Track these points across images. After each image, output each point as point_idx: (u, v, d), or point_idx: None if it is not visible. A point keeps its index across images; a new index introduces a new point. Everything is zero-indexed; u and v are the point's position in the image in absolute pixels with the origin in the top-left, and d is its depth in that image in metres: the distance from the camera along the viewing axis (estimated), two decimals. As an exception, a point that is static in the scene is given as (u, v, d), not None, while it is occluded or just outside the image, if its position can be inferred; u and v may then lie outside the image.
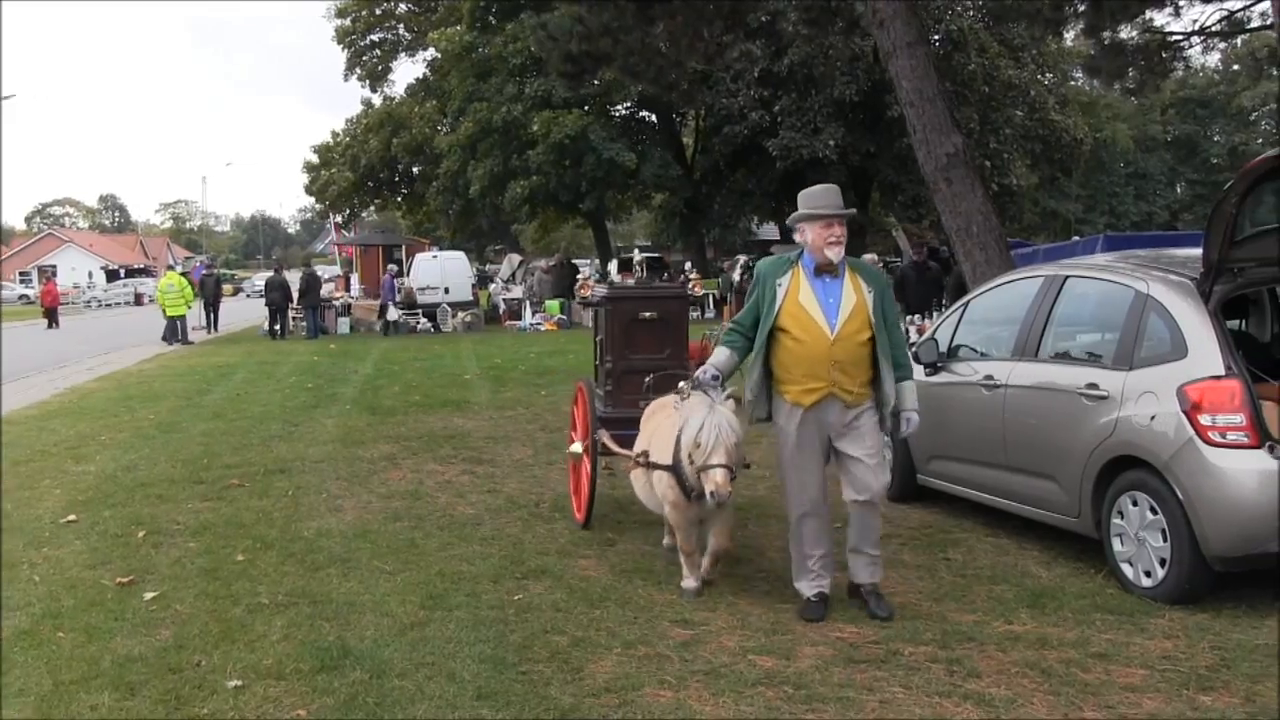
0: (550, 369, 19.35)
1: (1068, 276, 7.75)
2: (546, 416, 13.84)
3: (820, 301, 6.16)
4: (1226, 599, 6.28)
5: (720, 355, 6.41)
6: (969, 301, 8.70)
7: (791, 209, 6.54)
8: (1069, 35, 24.06)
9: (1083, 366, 7.15)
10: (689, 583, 6.64)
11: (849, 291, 6.18)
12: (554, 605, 6.51)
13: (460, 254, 38.88)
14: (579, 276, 35.63)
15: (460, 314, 32.20)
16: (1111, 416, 6.69)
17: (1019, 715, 4.92)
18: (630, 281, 9.22)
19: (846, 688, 5.24)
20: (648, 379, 7.71)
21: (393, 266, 33.89)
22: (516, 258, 40.88)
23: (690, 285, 7.90)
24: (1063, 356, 7.46)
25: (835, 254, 6.13)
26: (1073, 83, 36.60)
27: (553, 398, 15.62)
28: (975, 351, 8.25)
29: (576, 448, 8.23)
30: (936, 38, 28.78)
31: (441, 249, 40.82)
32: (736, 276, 29.04)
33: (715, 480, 5.98)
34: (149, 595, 6.77)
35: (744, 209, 38.64)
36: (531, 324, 31.51)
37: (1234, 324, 7.65)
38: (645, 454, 6.77)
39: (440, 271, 33.83)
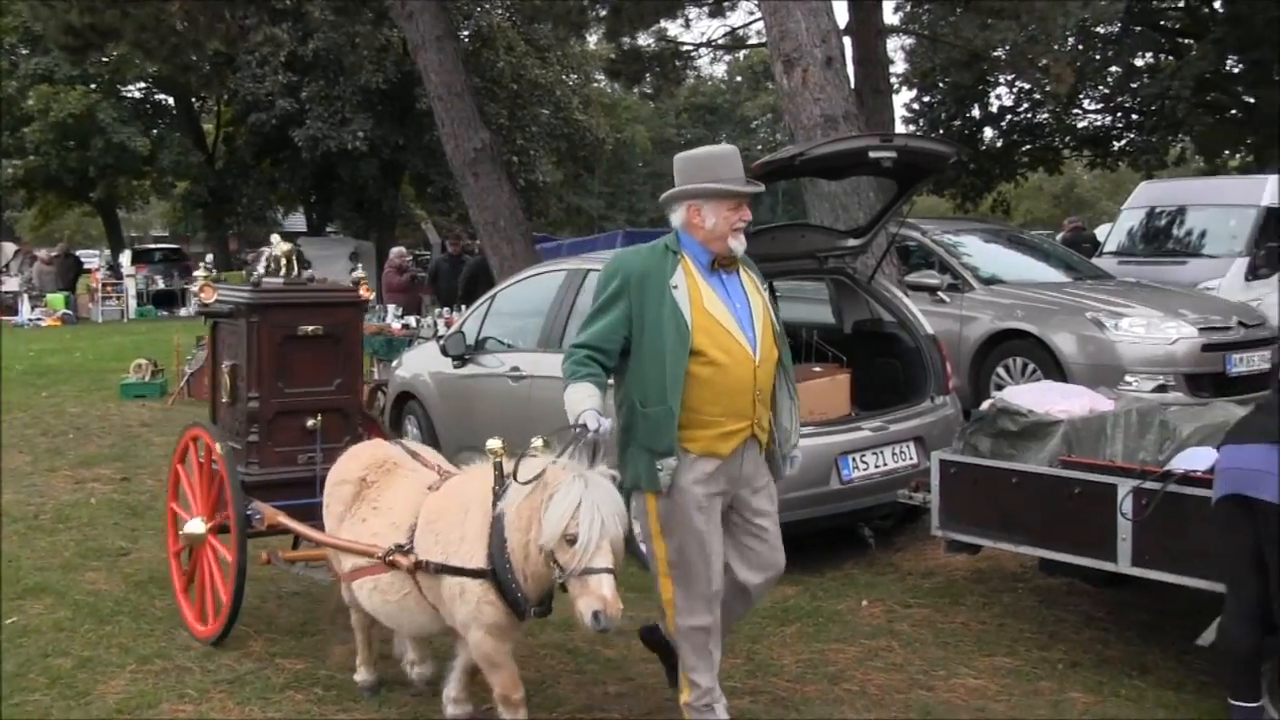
0: (53, 368, 17.89)
1: (589, 270, 8.05)
2: (48, 419, 12.78)
3: (730, 308, 4.45)
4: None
5: (593, 395, 4.25)
6: (496, 294, 8.88)
7: (322, 201, 6.13)
8: (592, 39, 25.13)
9: (604, 356, 7.47)
10: None
11: (753, 293, 4.55)
12: (56, 625, 6.07)
13: (-58, 242, 35.34)
14: (88, 269, 33.16)
15: (-56, 309, 29.13)
16: (630, 403, 7.05)
17: (548, 695, 5.12)
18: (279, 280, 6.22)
19: (377, 684, 5.26)
20: (311, 422, 5.75)
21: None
22: (11, 247, 37.45)
23: (359, 285, 6.55)
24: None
25: (740, 245, 4.48)
26: (596, 84, 38.09)
27: (55, 399, 14.43)
28: (502, 344, 8.42)
29: (195, 527, 5.76)
30: (465, 33, 29.12)
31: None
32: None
33: (604, 594, 3.84)
34: None
35: (271, 201, 37.85)
36: (31, 319, 28.99)
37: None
38: (402, 548, 4.47)
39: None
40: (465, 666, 4.72)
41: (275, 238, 6.17)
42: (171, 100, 36.58)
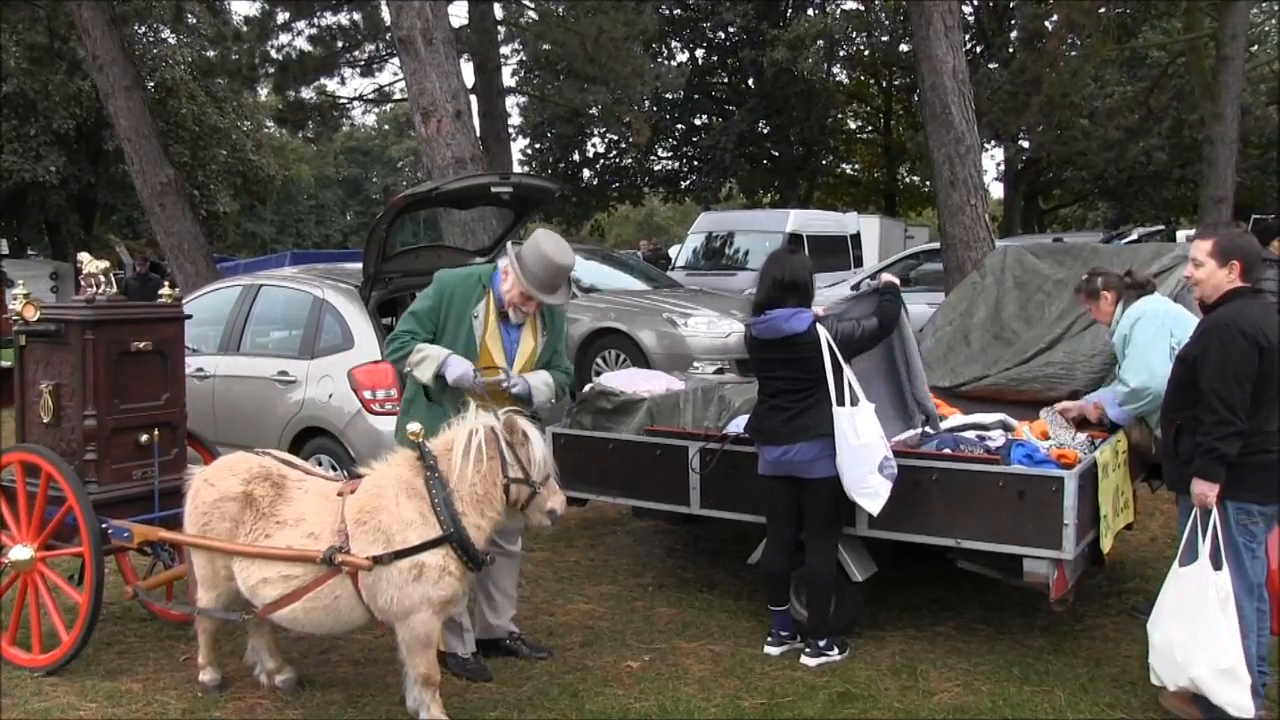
0: None
1: (262, 285, 7.63)
2: None
3: (504, 345, 4.54)
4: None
5: (439, 349, 4.39)
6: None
7: (19, 225, 5.19)
8: (263, 91, 23.93)
9: (276, 358, 7.10)
10: None
11: (527, 337, 4.59)
12: None
13: None
14: None
15: None
16: (299, 396, 6.74)
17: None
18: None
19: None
20: (145, 437, 4.85)
21: None
22: None
23: (180, 302, 5.52)
24: (260, 350, 7.34)
25: (515, 316, 4.53)
26: (267, 130, 36.16)
27: None
28: (189, 349, 7.75)
29: (21, 554, 4.69)
30: (151, 84, 26.93)
31: None
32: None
33: (561, 494, 4.05)
34: None
35: (-29, 226, 33.96)
36: None
37: (387, 320, 8.02)
38: (343, 549, 3.85)
39: None
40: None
41: (85, 256, 5.11)
42: None
